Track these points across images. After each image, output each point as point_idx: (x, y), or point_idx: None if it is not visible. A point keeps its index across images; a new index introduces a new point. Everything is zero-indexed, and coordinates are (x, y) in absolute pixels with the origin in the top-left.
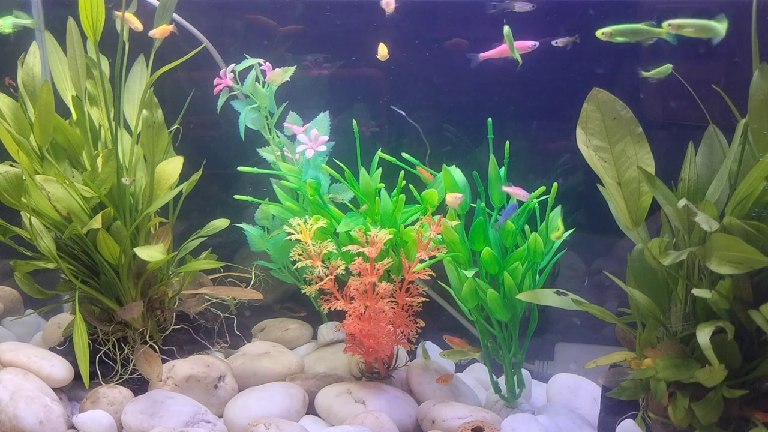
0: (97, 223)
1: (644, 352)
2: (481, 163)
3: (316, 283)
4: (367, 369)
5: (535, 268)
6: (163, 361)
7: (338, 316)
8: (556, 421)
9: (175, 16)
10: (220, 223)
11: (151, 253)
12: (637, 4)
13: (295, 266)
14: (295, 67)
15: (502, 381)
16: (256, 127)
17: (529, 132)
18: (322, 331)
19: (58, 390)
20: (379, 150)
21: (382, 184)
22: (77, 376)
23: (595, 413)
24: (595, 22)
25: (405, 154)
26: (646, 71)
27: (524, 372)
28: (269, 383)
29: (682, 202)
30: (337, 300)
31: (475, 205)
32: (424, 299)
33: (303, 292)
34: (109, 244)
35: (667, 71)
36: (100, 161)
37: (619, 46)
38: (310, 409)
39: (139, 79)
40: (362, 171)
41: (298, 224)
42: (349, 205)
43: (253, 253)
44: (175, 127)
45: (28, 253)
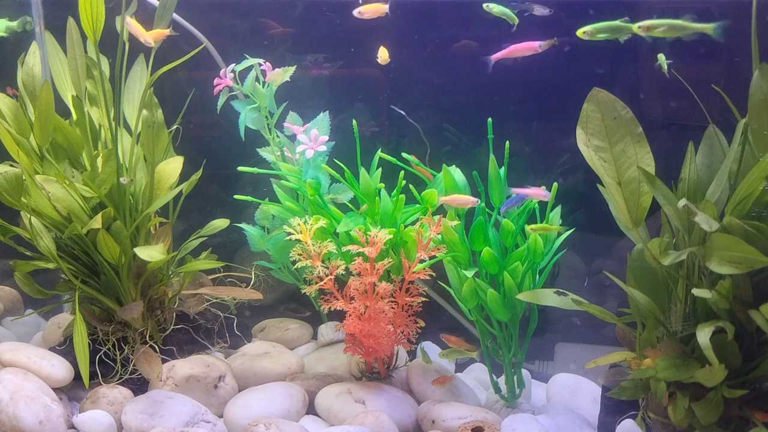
0: (97, 223)
1: (644, 352)
2: (481, 163)
3: (316, 283)
4: (367, 369)
5: (535, 268)
6: (163, 361)
7: (338, 316)
8: (556, 421)
9: (175, 16)
10: (220, 223)
11: (151, 253)
12: (638, 4)
13: (295, 266)
14: (295, 67)
15: (502, 381)
16: (256, 127)
17: (529, 132)
18: (322, 331)
19: (58, 390)
20: (379, 150)
21: (382, 184)
22: (77, 376)
23: (595, 413)
24: (595, 22)
25: (405, 154)
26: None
27: (524, 372)
28: (269, 383)
29: (682, 202)
30: (337, 300)
31: (474, 206)
32: (424, 299)
33: (303, 292)
34: (109, 244)
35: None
36: (100, 161)
37: (620, 45)
38: (310, 409)
39: (139, 79)
40: (362, 171)
41: (298, 224)
42: (349, 205)
43: (253, 253)
44: (175, 127)
45: (28, 253)
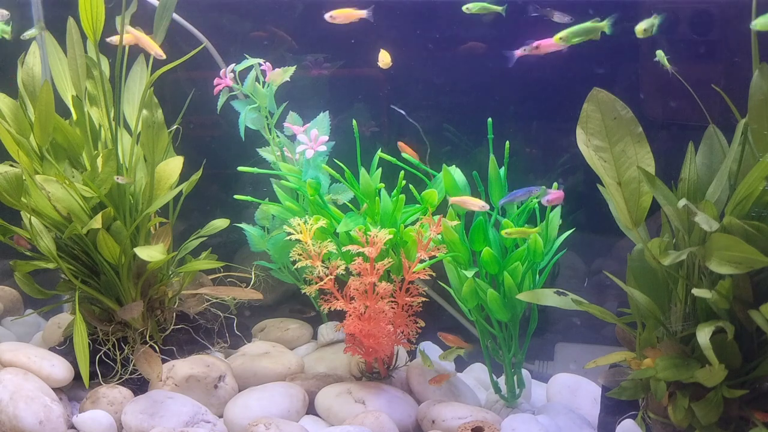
0: (97, 223)
1: (644, 352)
2: (481, 163)
3: (316, 283)
4: (367, 369)
5: (535, 268)
6: (163, 361)
7: (338, 316)
8: (556, 421)
9: (175, 16)
10: (220, 223)
11: (151, 253)
12: (638, 4)
13: (295, 266)
14: (295, 67)
15: (502, 381)
16: (256, 127)
17: (530, 132)
18: (322, 331)
19: (58, 390)
20: (379, 150)
21: (382, 184)
22: (77, 376)
23: (595, 413)
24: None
25: (405, 154)
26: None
27: (524, 372)
28: (269, 383)
29: (682, 202)
30: (337, 300)
31: None
32: (424, 299)
33: (303, 292)
34: (109, 244)
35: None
36: (100, 161)
37: (620, 45)
38: (310, 409)
39: (139, 79)
40: (362, 171)
41: (298, 224)
42: (349, 205)
43: (253, 253)
44: (175, 127)
45: (28, 253)
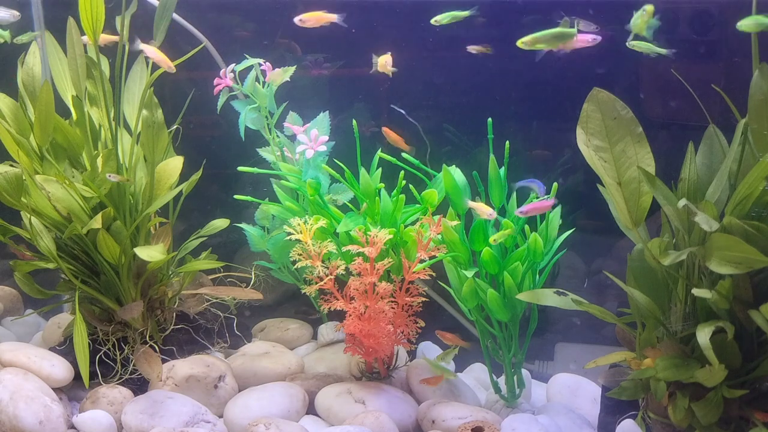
0: (97, 223)
1: (644, 352)
2: (481, 163)
3: (316, 283)
4: (367, 369)
5: (535, 268)
6: (163, 361)
7: (338, 316)
8: (556, 421)
9: (175, 16)
10: (220, 223)
11: (151, 253)
12: (637, 4)
13: (295, 266)
14: (295, 67)
15: (502, 381)
16: (256, 127)
17: (530, 132)
18: (322, 331)
19: (58, 390)
20: (379, 150)
21: (382, 184)
22: (77, 376)
23: (595, 413)
24: (596, 22)
25: (405, 154)
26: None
27: (524, 372)
28: (269, 383)
29: (682, 202)
30: (337, 300)
31: None
32: (424, 299)
33: (303, 292)
34: (109, 244)
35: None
36: (100, 161)
37: (620, 45)
38: (310, 409)
39: (139, 79)
40: (362, 171)
41: (298, 224)
42: (349, 205)
43: (253, 253)
44: (175, 127)
45: (28, 253)
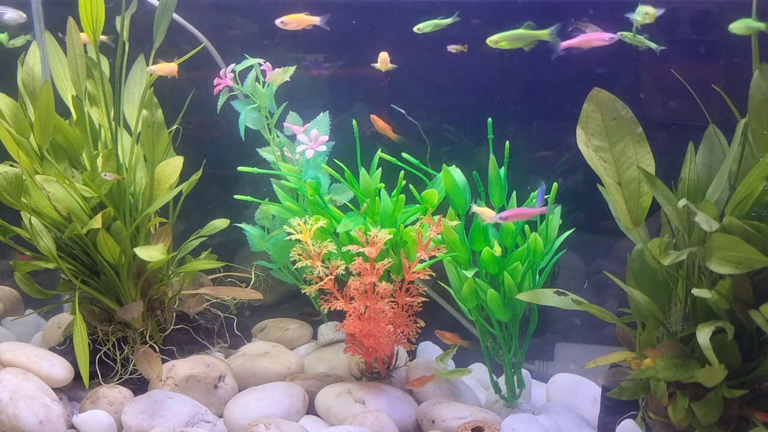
0: (97, 223)
1: (644, 352)
2: (481, 163)
3: (316, 283)
4: (367, 369)
5: (535, 268)
6: (163, 361)
7: (338, 316)
8: (556, 421)
9: (175, 16)
10: (220, 223)
11: (151, 253)
12: (637, 4)
13: (295, 266)
14: (295, 67)
15: (502, 381)
16: (256, 127)
17: (530, 132)
18: (322, 331)
19: (58, 390)
20: (379, 150)
21: (382, 184)
22: (77, 376)
23: (595, 413)
24: (596, 22)
25: (405, 154)
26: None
27: (524, 372)
28: (269, 383)
29: (682, 202)
30: (337, 300)
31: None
32: (424, 299)
33: (303, 292)
34: (109, 244)
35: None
36: (100, 161)
37: (620, 45)
38: (310, 409)
39: (139, 79)
40: (362, 171)
41: (298, 224)
42: (349, 205)
43: (253, 253)
44: (175, 127)
45: (28, 253)
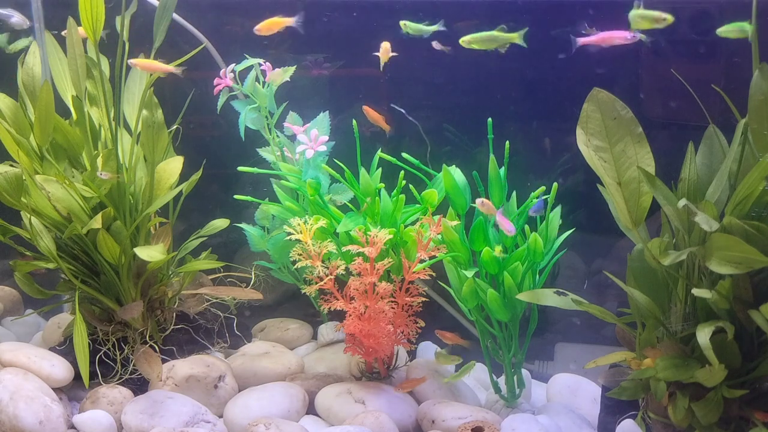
0: (97, 223)
1: (644, 352)
2: (481, 163)
3: (316, 283)
4: (367, 369)
5: (535, 268)
6: (163, 361)
7: (338, 316)
8: (556, 421)
9: (175, 16)
10: (220, 223)
11: (151, 253)
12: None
13: (295, 266)
14: (295, 67)
15: (502, 381)
16: (256, 127)
17: (530, 132)
18: (322, 331)
19: (58, 390)
20: (379, 150)
21: (382, 184)
22: (77, 376)
23: (595, 413)
24: (596, 22)
25: (405, 154)
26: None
27: (524, 372)
28: (269, 383)
29: (682, 202)
30: (337, 300)
31: (475, 205)
32: (424, 299)
33: (303, 292)
34: (109, 244)
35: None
36: (100, 161)
37: (620, 45)
38: (310, 409)
39: (139, 79)
40: (362, 171)
41: (298, 224)
42: (349, 205)
43: (253, 253)
44: (175, 127)
45: (28, 253)
